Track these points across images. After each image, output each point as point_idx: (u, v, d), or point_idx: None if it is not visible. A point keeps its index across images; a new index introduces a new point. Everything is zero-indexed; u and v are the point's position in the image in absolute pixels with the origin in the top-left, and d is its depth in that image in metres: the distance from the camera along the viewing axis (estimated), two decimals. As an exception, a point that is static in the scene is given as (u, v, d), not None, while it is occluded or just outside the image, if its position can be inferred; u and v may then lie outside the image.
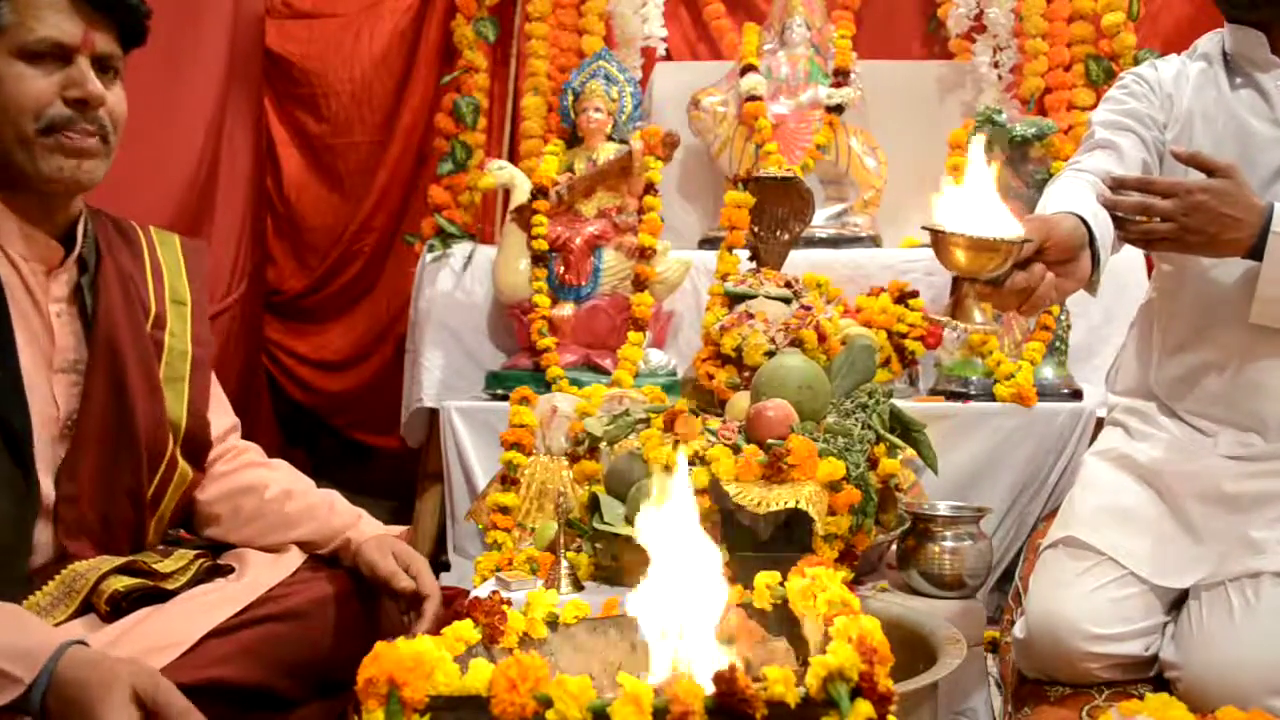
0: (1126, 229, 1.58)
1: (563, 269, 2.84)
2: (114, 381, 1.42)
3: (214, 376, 1.62)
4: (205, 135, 2.93)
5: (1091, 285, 1.52)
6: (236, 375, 3.09)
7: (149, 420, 1.45)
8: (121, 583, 1.33)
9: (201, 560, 1.46)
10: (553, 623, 1.33)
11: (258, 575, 1.44)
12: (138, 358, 1.46)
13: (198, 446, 1.54)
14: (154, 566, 1.40)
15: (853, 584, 1.78)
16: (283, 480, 1.61)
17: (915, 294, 2.53)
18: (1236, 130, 1.69)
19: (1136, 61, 2.85)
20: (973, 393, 2.55)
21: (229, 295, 3.03)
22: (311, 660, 1.41)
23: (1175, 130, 1.74)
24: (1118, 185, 1.59)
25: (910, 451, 2.00)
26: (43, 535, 1.35)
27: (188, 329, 1.55)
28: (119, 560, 1.38)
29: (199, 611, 1.34)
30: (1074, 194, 1.57)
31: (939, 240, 1.38)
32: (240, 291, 3.07)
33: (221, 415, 1.62)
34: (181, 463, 1.51)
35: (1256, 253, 1.55)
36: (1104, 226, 1.53)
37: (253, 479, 1.60)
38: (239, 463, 1.62)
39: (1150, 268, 2.52)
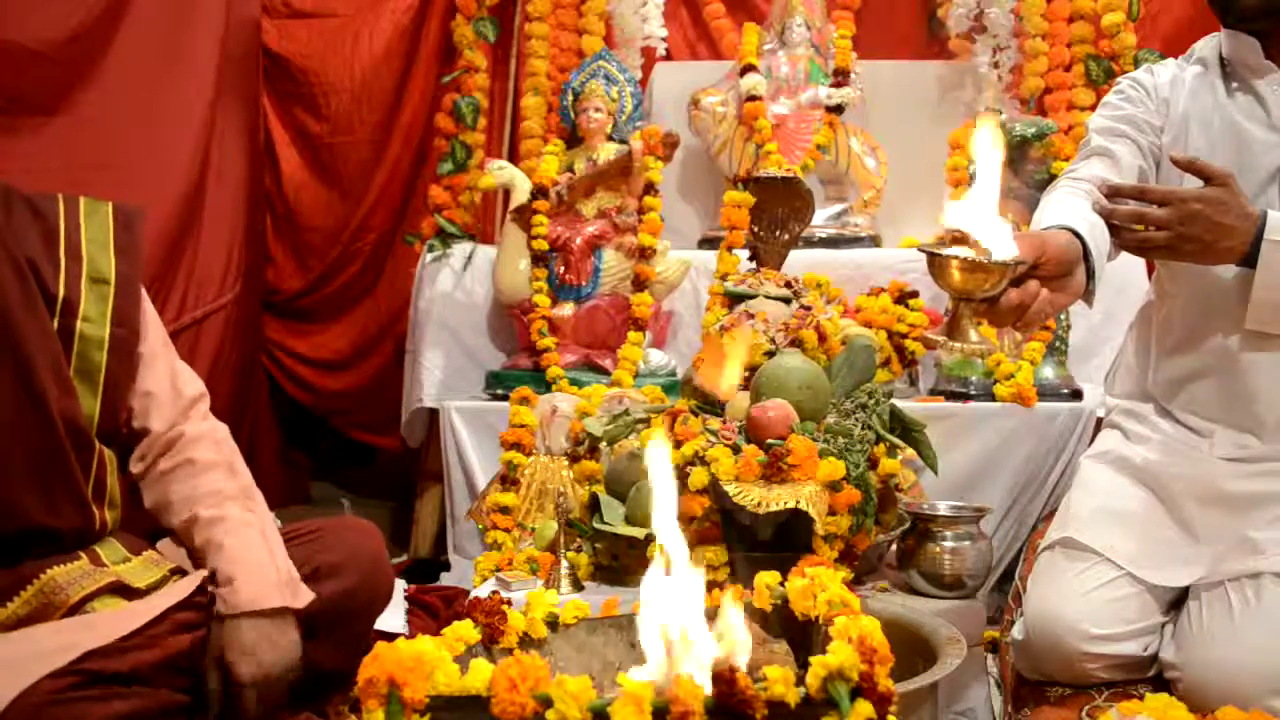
0: (1122, 236, 1.58)
1: (563, 269, 2.84)
2: (19, 376, 1.40)
3: (170, 346, 1.59)
4: (196, 136, 2.91)
5: (1088, 297, 1.52)
6: (233, 375, 3.09)
7: (64, 414, 1.43)
8: (106, 604, 1.42)
9: (176, 577, 1.53)
10: (553, 623, 1.33)
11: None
12: (41, 348, 1.42)
13: (112, 433, 1.53)
14: (136, 585, 1.47)
15: (853, 584, 1.78)
16: (198, 497, 1.53)
17: (915, 294, 2.53)
18: (1232, 135, 1.69)
19: (1136, 62, 2.85)
20: (973, 393, 2.55)
21: (222, 295, 3.02)
22: None
23: (1171, 135, 1.73)
24: (1113, 193, 1.59)
25: (910, 451, 2.00)
26: None
27: (108, 311, 1.49)
28: (105, 580, 1.44)
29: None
30: (1069, 207, 1.56)
31: (934, 261, 1.38)
32: (235, 291, 3.06)
33: (176, 388, 1.57)
34: (105, 450, 1.51)
35: (1250, 260, 1.55)
36: (1099, 239, 1.52)
37: (175, 493, 1.54)
38: (176, 460, 1.55)
39: (1150, 269, 2.52)
